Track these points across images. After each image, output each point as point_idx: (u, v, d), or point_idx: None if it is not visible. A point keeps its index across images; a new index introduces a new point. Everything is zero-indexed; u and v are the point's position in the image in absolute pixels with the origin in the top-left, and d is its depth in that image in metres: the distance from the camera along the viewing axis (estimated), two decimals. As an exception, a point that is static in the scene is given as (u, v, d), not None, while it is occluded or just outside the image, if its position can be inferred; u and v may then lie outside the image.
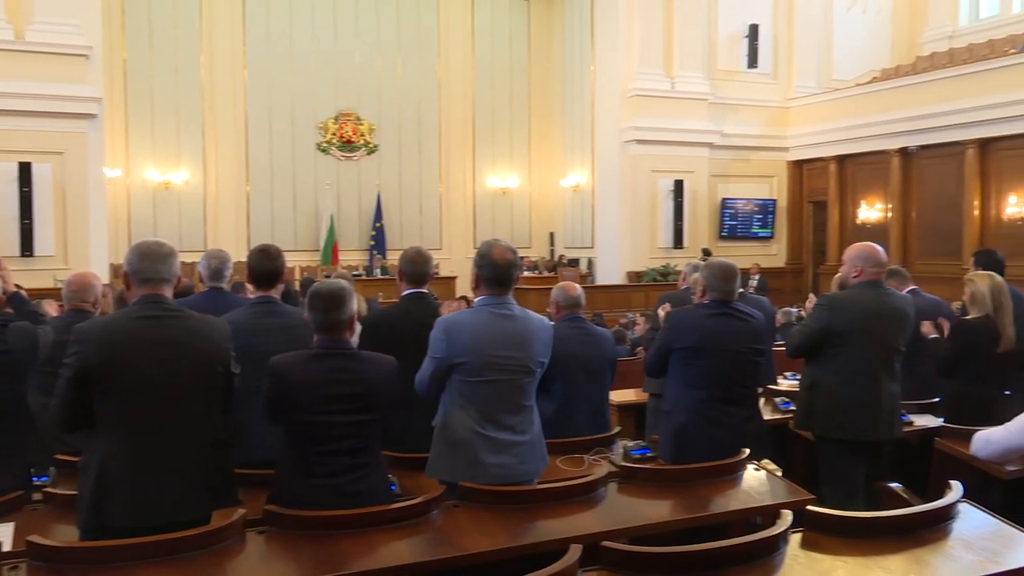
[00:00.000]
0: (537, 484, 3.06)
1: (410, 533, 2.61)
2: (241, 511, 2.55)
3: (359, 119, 16.95)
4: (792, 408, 4.41)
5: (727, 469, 3.27)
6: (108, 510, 2.48)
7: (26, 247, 11.60)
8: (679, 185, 15.61)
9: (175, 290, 2.74)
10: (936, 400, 4.64)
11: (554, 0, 18.19)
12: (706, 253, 13.71)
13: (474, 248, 3.17)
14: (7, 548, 2.47)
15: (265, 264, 3.56)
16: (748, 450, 3.41)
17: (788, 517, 2.55)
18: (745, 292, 4.35)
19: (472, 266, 3.13)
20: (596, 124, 16.62)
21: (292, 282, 9.59)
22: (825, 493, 3.77)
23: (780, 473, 3.76)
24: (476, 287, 3.12)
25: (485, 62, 17.96)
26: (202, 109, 15.72)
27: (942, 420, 4.30)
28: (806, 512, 2.66)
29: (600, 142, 16.50)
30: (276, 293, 3.58)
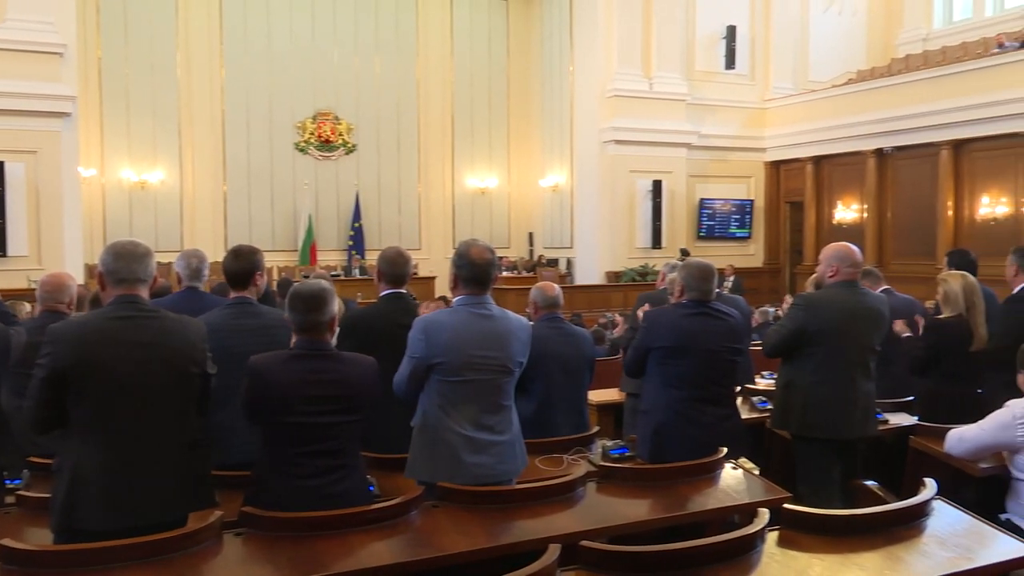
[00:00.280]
0: (516, 484, 3.06)
1: (389, 534, 2.60)
2: (218, 513, 2.52)
3: (337, 119, 16.88)
4: (769, 407, 4.44)
5: (705, 468, 3.28)
6: (82, 513, 2.46)
7: (-2, 247, 11.47)
8: (657, 185, 15.67)
9: (151, 290, 2.71)
10: (910, 399, 4.68)
11: (533, 1, 18.21)
12: (684, 253, 13.76)
13: (453, 248, 3.17)
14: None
15: (238, 264, 3.53)
16: (726, 449, 3.43)
17: (765, 515, 2.57)
18: (721, 292, 4.37)
19: (450, 266, 3.13)
20: (575, 124, 16.65)
21: (270, 282, 9.51)
22: (802, 491, 3.79)
23: (757, 472, 3.77)
24: (454, 287, 3.11)
25: (464, 62, 17.93)
26: (178, 108, 15.60)
27: (917, 418, 4.34)
28: (783, 510, 2.69)
29: (579, 142, 16.54)
30: (253, 293, 3.56)
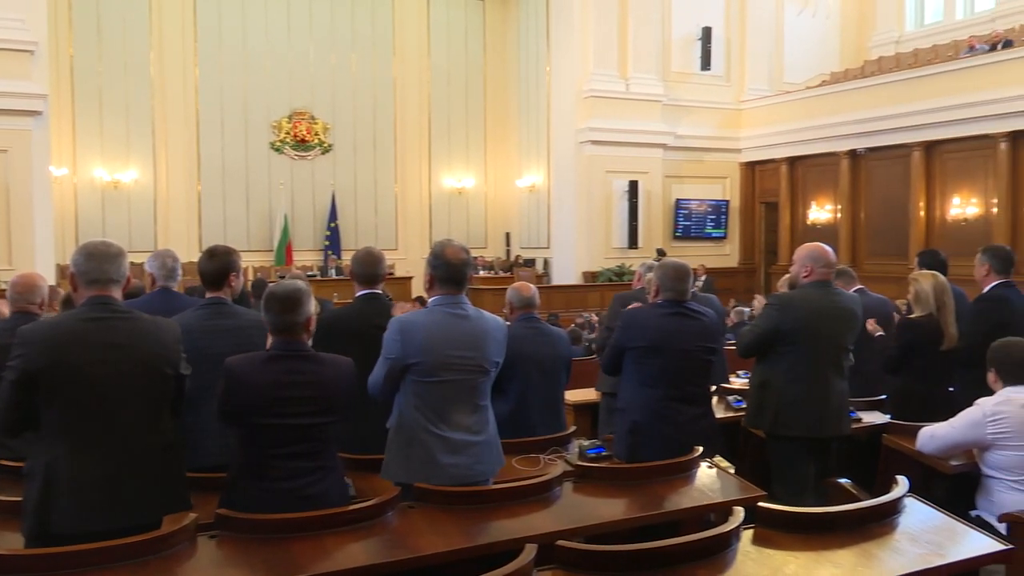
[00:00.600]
0: (493, 484, 3.06)
1: (365, 535, 2.59)
2: (192, 515, 2.50)
3: (313, 118, 16.81)
4: (744, 406, 4.47)
5: (680, 467, 3.30)
6: (54, 516, 2.43)
7: (-32, 247, 11.33)
8: (634, 186, 15.74)
9: (125, 291, 2.69)
10: (883, 397, 4.73)
11: (509, 0, 18.21)
12: (660, 253, 13.82)
13: (430, 248, 3.16)
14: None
15: (213, 264, 3.49)
16: (701, 448, 3.45)
17: (740, 514, 2.59)
18: (696, 292, 4.40)
19: (426, 266, 3.12)
20: (551, 125, 16.69)
21: (246, 283, 9.44)
22: (776, 490, 3.81)
23: (732, 470, 3.80)
24: (430, 287, 3.11)
25: (441, 62, 17.91)
26: (152, 106, 15.46)
27: (889, 417, 4.39)
28: (758, 508, 2.71)
29: (555, 143, 16.57)
30: (228, 294, 3.53)
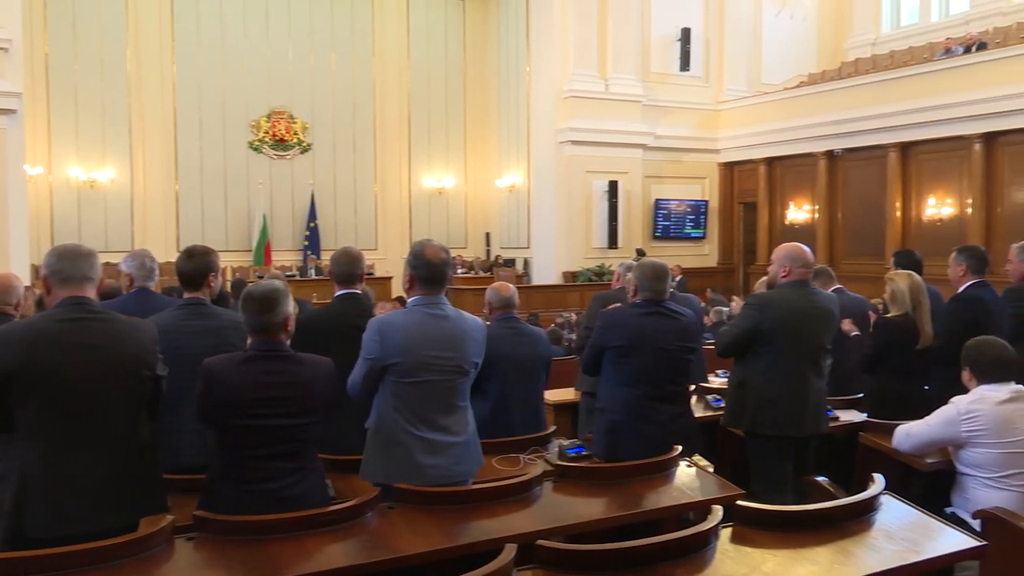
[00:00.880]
0: (472, 484, 3.06)
1: (344, 536, 2.58)
2: (169, 518, 2.48)
3: (292, 117, 16.71)
4: (723, 405, 4.49)
5: (660, 466, 3.31)
6: (29, 519, 2.41)
7: (-59, 247, 11.17)
8: (613, 186, 15.78)
9: (99, 292, 2.66)
10: (860, 396, 4.77)
11: (490, 1, 18.21)
12: (640, 253, 13.87)
13: (410, 248, 3.15)
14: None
15: (191, 264, 3.45)
16: (680, 446, 3.46)
17: (719, 512, 2.61)
18: (674, 291, 4.42)
19: (405, 266, 3.11)
20: (531, 125, 16.69)
21: (224, 283, 9.39)
22: (755, 488, 3.84)
23: (711, 469, 3.83)
24: (410, 287, 3.10)
25: (421, 61, 17.87)
26: (128, 105, 15.30)
27: (866, 415, 4.43)
28: (736, 507, 2.72)
29: (535, 143, 16.58)
30: (207, 294, 3.50)
